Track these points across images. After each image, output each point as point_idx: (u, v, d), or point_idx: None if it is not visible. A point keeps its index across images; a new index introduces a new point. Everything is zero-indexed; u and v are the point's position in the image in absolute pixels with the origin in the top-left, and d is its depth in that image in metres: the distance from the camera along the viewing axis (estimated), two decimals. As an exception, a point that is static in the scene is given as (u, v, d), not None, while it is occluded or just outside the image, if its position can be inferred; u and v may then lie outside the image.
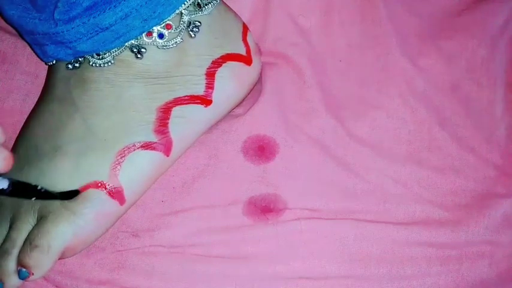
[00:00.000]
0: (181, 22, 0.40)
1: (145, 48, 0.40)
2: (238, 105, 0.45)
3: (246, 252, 0.41)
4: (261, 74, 0.46)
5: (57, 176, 0.38)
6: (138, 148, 0.39)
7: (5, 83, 0.45)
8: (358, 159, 0.44)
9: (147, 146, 0.39)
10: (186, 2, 0.40)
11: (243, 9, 0.46)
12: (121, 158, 0.39)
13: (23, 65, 0.45)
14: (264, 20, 0.47)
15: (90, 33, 0.38)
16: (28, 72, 0.45)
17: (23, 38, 0.43)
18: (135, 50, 0.39)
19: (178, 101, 0.41)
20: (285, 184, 0.43)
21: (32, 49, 0.43)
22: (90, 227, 0.38)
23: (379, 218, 0.42)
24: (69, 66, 0.40)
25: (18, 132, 0.43)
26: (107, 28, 0.38)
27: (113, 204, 0.39)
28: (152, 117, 0.40)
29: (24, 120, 0.42)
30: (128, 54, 0.40)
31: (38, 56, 0.42)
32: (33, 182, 0.37)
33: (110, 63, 0.39)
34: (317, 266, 0.41)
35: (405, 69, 0.46)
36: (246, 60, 0.44)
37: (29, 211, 0.38)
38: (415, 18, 0.47)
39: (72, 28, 0.38)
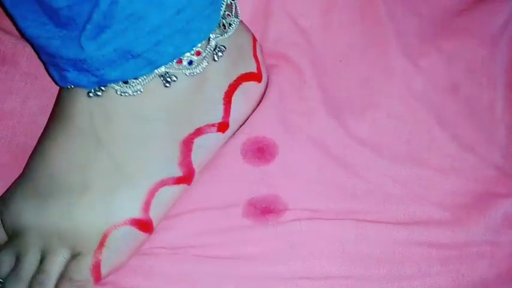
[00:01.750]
0: (208, 47, 0.39)
1: (176, 76, 0.38)
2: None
3: (246, 252, 0.41)
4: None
5: (89, 213, 0.38)
6: (166, 184, 0.40)
7: (4, 84, 0.45)
8: (358, 159, 0.44)
9: (174, 181, 0.40)
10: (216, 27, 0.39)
11: (243, 9, 0.46)
12: (152, 195, 0.39)
13: (23, 67, 0.45)
14: (264, 21, 0.47)
15: (121, 60, 0.36)
16: (28, 74, 0.45)
17: (39, 57, 0.41)
18: (166, 78, 0.38)
19: (200, 132, 0.41)
20: (285, 185, 0.43)
21: (46, 68, 0.40)
22: (124, 259, 0.40)
23: (379, 218, 0.42)
24: (91, 94, 0.38)
25: (17, 134, 0.43)
26: (138, 55, 0.36)
27: (143, 236, 0.40)
28: (176, 151, 0.40)
29: (37, 143, 0.41)
30: (157, 82, 0.38)
31: (52, 78, 0.40)
32: (60, 216, 0.38)
33: (139, 92, 0.38)
34: (317, 266, 0.41)
35: (405, 69, 0.46)
36: (258, 77, 0.44)
37: (63, 245, 0.38)
38: (415, 18, 0.47)
39: (103, 56, 0.36)
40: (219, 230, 0.42)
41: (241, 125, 0.44)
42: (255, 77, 0.44)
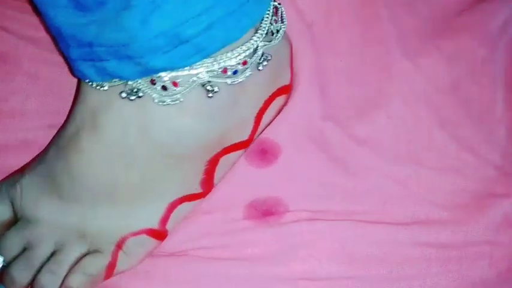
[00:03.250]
0: (255, 55, 0.36)
1: (218, 88, 0.35)
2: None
3: (246, 254, 0.41)
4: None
5: (112, 219, 0.39)
6: (185, 201, 0.40)
7: (6, 84, 0.45)
8: (358, 160, 0.44)
9: (194, 198, 0.41)
10: (262, 31, 0.36)
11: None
12: (170, 211, 0.40)
13: (24, 66, 0.45)
14: None
15: (168, 46, 0.33)
16: (29, 74, 0.45)
17: (62, 55, 0.38)
18: (208, 88, 0.35)
19: (226, 151, 0.40)
20: (286, 187, 0.43)
21: (72, 68, 0.36)
22: (136, 262, 0.40)
23: (379, 218, 0.42)
24: (123, 94, 0.35)
25: (17, 134, 0.43)
26: (187, 41, 0.33)
27: (157, 243, 0.41)
28: (202, 169, 0.40)
29: (60, 144, 0.39)
30: (198, 93, 0.35)
31: (81, 77, 0.36)
32: (84, 217, 0.39)
33: (179, 101, 0.35)
34: (317, 267, 0.41)
35: (405, 69, 0.46)
36: (288, 89, 0.42)
37: (81, 241, 0.39)
38: (416, 19, 0.47)
39: (149, 40, 0.32)
40: (219, 232, 0.42)
41: None
42: (287, 90, 0.42)
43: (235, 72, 0.36)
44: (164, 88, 0.35)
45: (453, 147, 0.44)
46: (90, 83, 0.36)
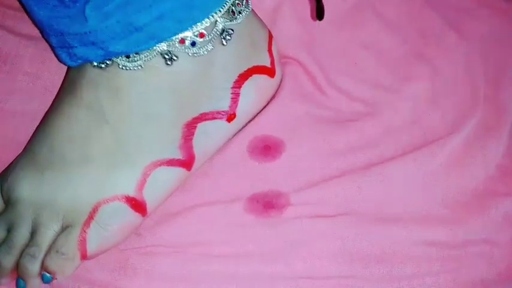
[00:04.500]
0: (214, 30, 0.39)
1: (177, 56, 0.39)
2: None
3: (247, 251, 0.41)
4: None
5: (84, 186, 0.39)
6: (163, 165, 0.40)
7: (7, 84, 0.45)
8: (361, 157, 0.44)
9: (171, 163, 0.40)
10: (222, 9, 0.39)
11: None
12: (147, 174, 0.39)
13: (25, 66, 0.45)
14: (273, 20, 0.47)
15: (124, 33, 0.37)
16: (30, 73, 0.45)
17: (47, 41, 0.41)
18: (166, 56, 0.39)
19: (204, 117, 0.41)
20: (288, 182, 0.43)
21: (55, 54, 0.41)
22: (114, 238, 0.40)
23: (380, 216, 0.42)
24: (95, 64, 0.39)
25: (19, 134, 0.43)
26: (141, 28, 0.37)
27: (136, 217, 0.40)
28: (178, 133, 0.40)
29: (43, 118, 0.42)
30: (158, 61, 0.39)
31: (60, 61, 0.41)
32: (55, 187, 0.38)
33: (140, 67, 0.39)
34: (317, 266, 0.41)
35: (417, 71, 0.46)
36: (270, 72, 0.44)
37: (54, 218, 0.39)
38: (422, 21, 0.47)
39: (107, 27, 0.37)
40: (220, 227, 0.42)
41: (250, 119, 0.44)
42: (268, 71, 0.43)
43: (193, 44, 0.39)
44: (127, 56, 0.38)
45: (455, 146, 0.44)
46: (69, 65, 0.40)
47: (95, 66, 0.39)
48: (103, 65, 0.39)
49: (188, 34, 0.39)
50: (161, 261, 0.41)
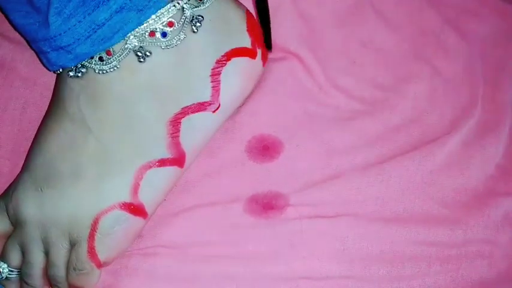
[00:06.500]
0: (182, 17, 0.39)
1: (150, 52, 0.38)
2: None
3: (247, 251, 0.41)
4: (267, 71, 0.45)
5: (81, 201, 0.39)
6: (153, 166, 0.40)
7: (3, 90, 0.45)
8: (361, 157, 0.44)
9: (162, 163, 0.40)
10: None
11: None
12: (139, 177, 0.39)
13: (22, 72, 0.45)
14: (272, 16, 0.47)
15: (88, 32, 0.37)
16: (26, 79, 0.45)
17: (31, 48, 0.42)
18: (139, 53, 0.38)
19: (187, 111, 0.40)
20: (287, 182, 0.43)
21: (39, 59, 0.41)
22: (121, 244, 0.40)
23: (380, 216, 0.42)
24: (71, 73, 0.39)
25: (19, 143, 0.43)
26: (103, 24, 0.37)
27: (137, 221, 0.40)
28: (163, 132, 0.40)
29: (36, 133, 0.42)
30: (132, 59, 0.38)
31: (44, 66, 0.41)
32: (54, 205, 0.39)
33: (115, 68, 0.38)
34: (317, 266, 0.41)
35: (416, 70, 0.46)
36: (251, 53, 0.42)
37: (61, 236, 0.39)
38: (426, 22, 0.47)
39: (69, 29, 0.37)
40: (220, 227, 0.42)
41: (238, 106, 0.43)
42: (248, 52, 0.42)
43: (164, 35, 0.38)
44: (101, 59, 0.38)
45: (455, 146, 0.44)
46: (51, 70, 0.41)
47: (71, 76, 0.39)
48: (79, 74, 0.39)
49: (156, 25, 0.38)
50: (162, 261, 0.41)
